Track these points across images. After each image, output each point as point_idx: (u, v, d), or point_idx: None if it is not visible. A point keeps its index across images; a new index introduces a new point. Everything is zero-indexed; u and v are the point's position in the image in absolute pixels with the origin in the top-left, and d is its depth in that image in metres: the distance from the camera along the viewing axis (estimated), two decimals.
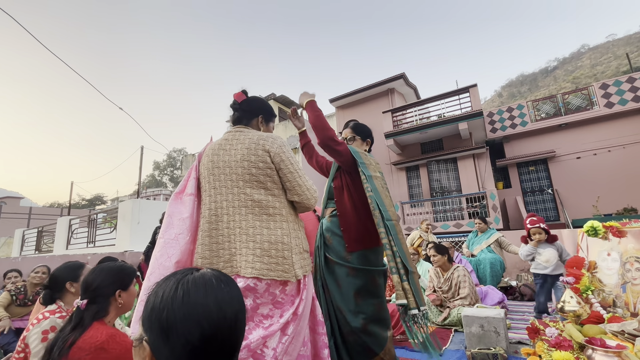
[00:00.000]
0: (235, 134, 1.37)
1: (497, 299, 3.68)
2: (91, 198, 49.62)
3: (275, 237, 1.22)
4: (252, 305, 1.17)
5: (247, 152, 1.28)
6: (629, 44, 63.59)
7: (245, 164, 1.27)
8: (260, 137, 1.32)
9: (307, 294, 1.24)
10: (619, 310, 1.75)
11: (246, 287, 1.15)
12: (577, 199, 9.57)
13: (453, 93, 10.02)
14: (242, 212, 1.24)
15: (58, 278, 1.76)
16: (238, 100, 1.47)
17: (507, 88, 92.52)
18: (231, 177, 1.28)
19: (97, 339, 1.16)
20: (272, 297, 1.19)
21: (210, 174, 1.33)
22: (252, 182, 1.26)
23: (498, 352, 2.21)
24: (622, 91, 9.31)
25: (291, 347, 1.15)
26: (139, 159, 10.96)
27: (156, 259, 1.26)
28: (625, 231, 1.87)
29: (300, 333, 1.19)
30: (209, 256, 1.24)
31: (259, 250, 1.18)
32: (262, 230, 1.21)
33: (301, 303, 1.21)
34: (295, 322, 1.18)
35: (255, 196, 1.25)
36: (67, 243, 8.50)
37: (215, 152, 1.35)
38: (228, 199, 1.27)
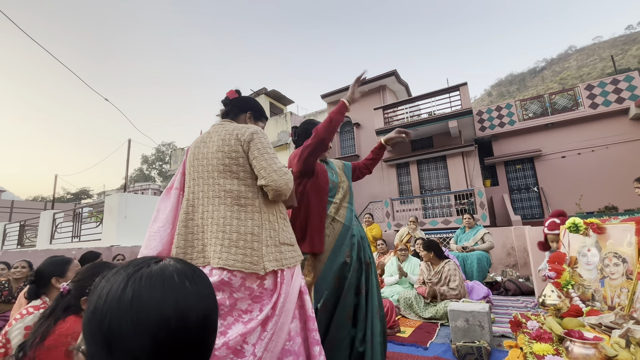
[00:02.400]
0: (217, 127, 1.39)
1: (483, 293, 3.77)
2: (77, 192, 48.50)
3: (245, 228, 1.19)
4: (230, 299, 1.14)
5: (221, 143, 1.29)
6: (614, 46, 65.19)
7: (220, 155, 1.28)
8: (235, 128, 1.32)
9: (286, 289, 1.20)
10: (597, 304, 1.81)
11: (221, 281, 1.13)
12: (561, 197, 9.83)
13: (444, 91, 10.11)
14: (214, 202, 1.24)
15: (44, 273, 1.72)
16: (230, 97, 1.50)
17: (496, 87, 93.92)
18: (207, 168, 1.29)
19: (78, 325, 1.16)
20: (250, 292, 1.17)
21: (191, 166, 1.37)
22: (225, 172, 1.27)
23: (482, 345, 2.27)
24: (606, 92, 9.56)
25: (272, 343, 1.13)
26: (126, 152, 10.74)
27: (141, 252, 1.29)
28: (604, 228, 1.93)
29: (282, 328, 1.16)
30: (183, 246, 1.25)
31: (227, 241, 1.17)
32: (232, 220, 1.20)
33: (280, 298, 1.17)
34: (274, 317, 1.15)
35: (228, 186, 1.25)
36: (51, 237, 8.31)
37: (197, 145, 1.38)
38: (204, 189, 1.28)
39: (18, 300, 2.36)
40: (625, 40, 65.80)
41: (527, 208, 10.51)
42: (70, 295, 1.31)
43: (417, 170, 10.69)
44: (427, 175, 10.60)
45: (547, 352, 1.33)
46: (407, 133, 2.07)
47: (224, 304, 1.14)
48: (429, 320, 3.30)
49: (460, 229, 5.56)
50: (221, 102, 1.53)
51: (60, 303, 1.29)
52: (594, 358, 1.19)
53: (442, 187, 10.29)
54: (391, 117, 10.92)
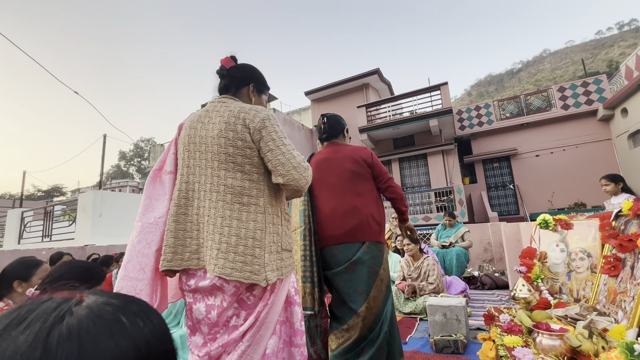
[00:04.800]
0: (217, 104, 1.18)
1: (460, 288, 3.89)
2: (48, 189, 46.26)
3: (246, 232, 1.03)
4: (219, 307, 1.02)
5: (225, 126, 1.09)
6: (584, 50, 68.36)
7: (222, 141, 1.08)
8: (241, 110, 1.12)
9: (274, 299, 1.06)
10: (564, 296, 1.90)
11: (213, 286, 1.02)
12: (535, 194, 10.25)
13: (425, 90, 10.30)
14: (212, 197, 1.07)
15: (7, 275, 1.63)
16: (226, 65, 1.27)
17: (476, 87, 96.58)
18: (206, 155, 1.10)
19: None
20: (240, 300, 1.06)
21: (185, 150, 1.16)
22: (227, 163, 1.08)
23: (458, 338, 2.34)
24: (577, 94, 10.02)
25: (246, 357, 1.01)
26: (102, 148, 10.32)
27: (133, 245, 1.11)
28: (572, 224, 2.03)
29: (259, 342, 1.03)
30: (173, 244, 1.08)
31: (224, 245, 1.01)
32: (231, 221, 1.03)
33: (265, 308, 1.04)
34: (254, 328, 1.03)
35: (229, 180, 1.07)
36: (19, 237, 7.90)
37: (193, 126, 1.17)
38: (201, 180, 1.10)
39: None
40: (595, 45, 69.17)
41: (504, 205, 10.91)
42: None
43: (399, 168, 10.86)
44: (409, 173, 10.80)
45: (517, 344, 1.39)
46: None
47: (212, 311, 1.03)
48: (409, 315, 3.37)
49: (441, 225, 5.70)
50: (217, 73, 1.29)
51: None
52: (559, 349, 1.24)
53: (422, 185, 10.50)
54: (374, 115, 11.03)
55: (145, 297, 1.06)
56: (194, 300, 1.08)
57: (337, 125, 1.97)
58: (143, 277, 1.08)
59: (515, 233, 3.66)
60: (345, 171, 1.77)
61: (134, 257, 1.10)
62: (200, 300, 1.07)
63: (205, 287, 1.04)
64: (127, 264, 1.09)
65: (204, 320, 1.05)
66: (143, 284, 1.08)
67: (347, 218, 1.69)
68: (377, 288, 1.64)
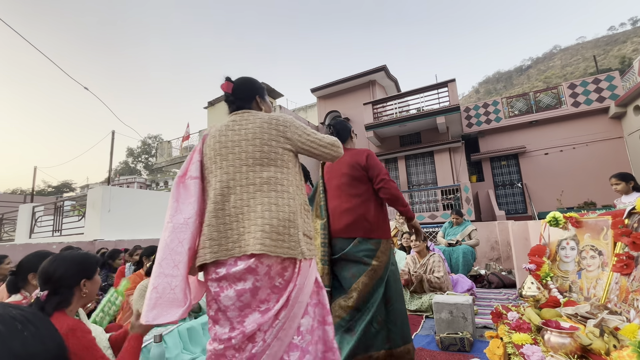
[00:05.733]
0: (244, 114, 1.36)
1: (467, 286, 3.86)
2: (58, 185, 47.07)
3: (283, 214, 1.20)
4: (252, 288, 1.14)
5: (259, 130, 1.28)
6: (596, 46, 66.96)
7: (257, 142, 1.27)
8: (272, 117, 1.33)
9: (301, 280, 1.20)
10: (574, 295, 1.88)
11: (247, 269, 1.14)
12: (544, 192, 10.11)
13: (432, 87, 10.19)
14: (249, 189, 1.23)
15: (23, 267, 1.68)
16: (228, 91, 1.42)
17: (484, 84, 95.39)
18: (240, 155, 1.26)
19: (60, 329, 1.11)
20: (271, 281, 1.17)
21: (217, 155, 1.30)
22: (262, 159, 1.26)
23: (465, 336, 2.33)
24: (588, 91, 9.83)
25: (282, 332, 1.13)
26: (110, 144, 10.45)
27: (166, 244, 1.21)
28: (582, 222, 2.00)
29: (293, 319, 1.16)
30: (217, 237, 1.20)
31: (267, 227, 1.16)
32: (270, 206, 1.20)
33: (294, 288, 1.17)
34: (287, 307, 1.15)
35: (265, 174, 1.25)
36: (30, 231, 8.05)
37: (223, 133, 1.33)
38: (235, 177, 1.25)
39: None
40: (608, 41, 67.70)
41: (511, 203, 10.78)
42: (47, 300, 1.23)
43: (405, 166, 10.79)
44: (415, 171, 10.73)
45: (526, 341, 1.37)
46: None
47: (244, 294, 1.14)
48: (414, 312, 3.36)
49: (448, 222, 5.66)
50: (225, 100, 1.46)
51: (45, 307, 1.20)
52: (569, 347, 1.23)
53: (429, 183, 10.43)
54: (380, 112, 10.96)
55: (179, 292, 1.16)
56: (220, 289, 1.17)
57: (344, 132, 2.22)
58: (177, 274, 1.18)
59: (524, 231, 3.62)
60: (343, 175, 2.02)
61: (167, 255, 1.19)
62: (227, 287, 1.17)
63: (236, 273, 1.15)
64: (161, 261, 1.18)
65: (233, 305, 1.15)
66: (177, 280, 1.17)
67: (343, 216, 1.97)
68: (368, 276, 1.86)
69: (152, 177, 52.46)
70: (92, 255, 1.40)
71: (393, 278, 1.95)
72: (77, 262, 1.32)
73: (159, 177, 50.29)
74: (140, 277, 3.07)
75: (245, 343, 1.12)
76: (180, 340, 2.21)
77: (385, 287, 1.90)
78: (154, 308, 1.13)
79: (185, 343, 2.25)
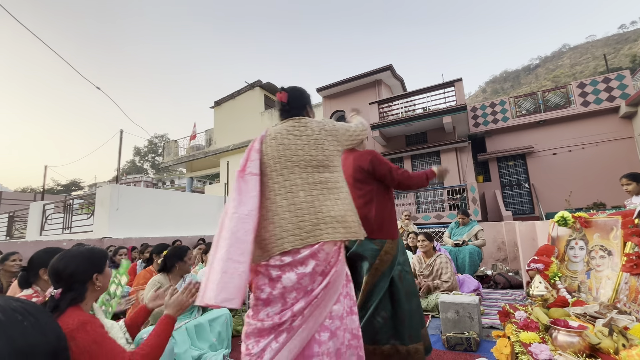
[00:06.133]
0: (301, 121, 1.55)
1: (473, 286, 3.84)
2: (67, 183, 47.79)
3: (346, 206, 1.45)
4: (311, 272, 1.31)
5: (319, 136, 1.50)
6: (607, 45, 65.86)
7: (319, 147, 1.49)
8: (325, 124, 1.55)
9: (340, 267, 1.40)
10: (583, 295, 1.86)
11: (311, 254, 1.32)
12: (551, 193, 9.99)
13: (439, 87, 10.13)
14: (317, 187, 1.43)
15: (34, 263, 1.71)
16: (284, 100, 1.61)
17: (491, 84, 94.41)
18: (304, 158, 1.46)
19: (67, 325, 1.12)
20: (324, 265, 1.35)
21: (281, 156, 1.47)
22: (324, 162, 1.48)
23: (471, 336, 2.32)
24: (597, 91, 9.68)
25: (318, 310, 1.30)
26: (118, 143, 10.57)
27: (233, 232, 1.31)
28: (592, 221, 1.98)
29: (328, 301, 1.33)
30: (291, 229, 1.36)
31: (340, 217, 1.40)
32: (336, 202, 1.43)
33: (335, 274, 1.36)
34: (326, 289, 1.33)
35: (327, 174, 1.48)
36: (41, 229, 8.20)
37: (285, 137, 1.50)
38: (302, 177, 1.44)
39: (11, 290, 2.34)
40: (618, 40, 66.53)
41: (518, 204, 10.67)
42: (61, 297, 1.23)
43: (411, 166, 10.74)
44: (421, 170, 10.67)
45: (534, 340, 1.37)
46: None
47: (305, 277, 1.31)
48: None
49: (454, 223, 5.62)
50: (280, 109, 1.64)
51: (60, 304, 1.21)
52: (578, 345, 1.22)
53: (435, 182, 10.37)
54: (386, 112, 10.93)
55: (244, 277, 1.28)
56: (282, 272, 1.32)
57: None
58: (243, 260, 1.29)
59: (531, 232, 3.59)
60: (348, 177, 2.11)
61: (234, 243, 1.30)
62: (289, 270, 1.32)
63: (301, 258, 1.32)
64: (229, 248, 1.29)
65: (292, 287, 1.31)
66: (243, 266, 1.28)
67: None
68: (371, 274, 1.95)
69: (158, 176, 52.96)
70: (100, 250, 1.43)
71: (400, 278, 1.97)
72: (87, 257, 1.33)
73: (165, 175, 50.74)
74: (150, 273, 3.12)
75: (289, 319, 1.28)
76: (188, 336, 2.24)
77: (391, 286, 1.94)
78: (223, 291, 1.21)
79: (193, 339, 2.28)
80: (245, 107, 13.26)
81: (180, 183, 45.57)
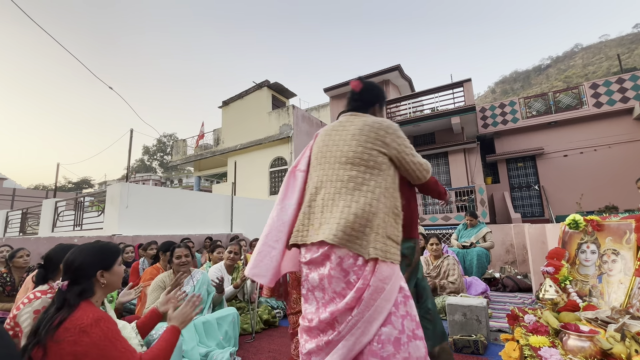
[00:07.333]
0: (350, 117, 1.47)
1: (481, 289, 3.80)
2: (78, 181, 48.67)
3: (362, 213, 1.24)
4: (328, 275, 1.23)
5: (359, 132, 1.37)
6: (620, 45, 64.44)
7: (353, 143, 1.36)
8: (375, 121, 1.40)
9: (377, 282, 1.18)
10: (594, 299, 1.83)
11: (323, 256, 1.25)
12: (562, 195, 9.82)
13: (447, 87, 10.05)
14: (337, 185, 1.33)
15: (53, 259, 1.75)
16: (356, 89, 1.53)
17: (500, 84, 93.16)
18: (335, 154, 1.39)
19: (82, 320, 1.14)
20: (345, 275, 1.21)
21: (319, 152, 1.46)
22: (354, 158, 1.34)
23: (479, 338, 2.30)
24: (611, 91, 9.49)
25: (357, 330, 1.15)
26: (129, 142, 10.74)
27: (273, 221, 1.44)
28: (604, 225, 1.95)
29: (369, 322, 1.15)
30: (306, 224, 1.35)
31: (343, 221, 1.23)
32: (350, 203, 1.27)
33: (367, 288, 1.17)
34: (360, 306, 1.16)
35: (353, 172, 1.33)
36: (53, 225, 8.36)
37: (328, 133, 1.48)
38: (328, 173, 1.38)
39: (25, 285, 2.40)
40: (633, 39, 65.01)
41: (528, 206, 10.52)
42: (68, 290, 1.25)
43: None
44: None
45: (543, 344, 1.35)
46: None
47: (323, 279, 1.24)
48: None
49: (462, 224, 5.57)
50: (349, 97, 1.55)
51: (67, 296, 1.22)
52: (589, 350, 1.21)
53: (443, 184, 10.27)
54: (394, 112, 10.88)
55: (275, 261, 1.39)
56: (310, 271, 1.31)
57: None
58: (277, 247, 1.41)
59: (541, 234, 3.54)
60: None
61: (273, 230, 1.43)
62: (313, 270, 1.30)
63: (316, 258, 1.27)
64: (267, 234, 1.43)
65: (317, 287, 1.28)
66: (276, 251, 1.40)
67: None
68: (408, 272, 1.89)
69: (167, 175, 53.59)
70: (112, 247, 1.41)
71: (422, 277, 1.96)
72: (94, 253, 1.33)
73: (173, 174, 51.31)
74: (157, 270, 3.16)
75: (326, 327, 1.22)
76: (196, 333, 2.26)
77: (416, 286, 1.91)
78: (255, 267, 1.39)
79: (201, 336, 2.31)
80: (253, 107, 13.34)
81: (188, 182, 46.05)
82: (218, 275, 3.09)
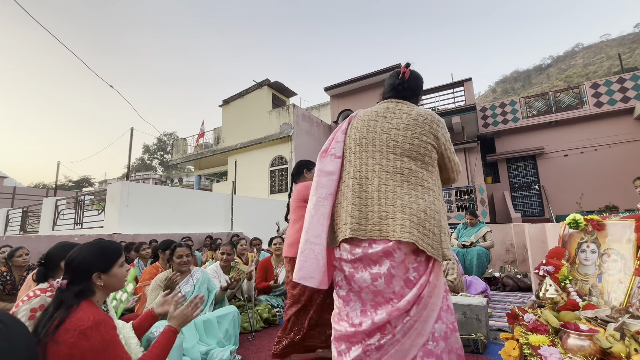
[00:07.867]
0: (397, 104, 1.38)
1: (481, 288, 3.81)
2: (78, 180, 48.70)
3: (431, 211, 1.20)
4: (386, 274, 1.15)
5: (413, 122, 1.28)
6: (621, 44, 64.32)
7: (409, 134, 1.27)
8: (428, 114, 1.33)
9: (434, 280, 1.16)
10: (594, 298, 1.84)
11: (384, 252, 1.16)
12: (562, 195, 9.83)
13: (448, 86, 10.06)
14: (396, 178, 1.24)
15: (53, 257, 1.74)
16: (406, 76, 1.44)
17: (501, 84, 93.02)
18: (388, 143, 1.28)
19: (82, 323, 1.12)
20: (405, 272, 1.16)
21: (363, 138, 1.34)
22: (410, 151, 1.26)
23: (479, 337, 2.31)
24: (611, 91, 9.49)
25: (414, 331, 1.11)
26: (129, 141, 10.74)
27: (312, 215, 1.32)
28: (604, 224, 1.95)
29: (426, 320, 1.12)
30: (358, 216, 1.23)
31: (415, 218, 1.16)
32: (417, 200, 1.20)
33: (427, 286, 1.14)
34: (419, 304, 1.13)
35: (413, 167, 1.25)
36: (53, 224, 8.37)
37: (373, 119, 1.36)
38: (381, 163, 1.27)
39: (26, 283, 2.40)
40: (634, 39, 64.90)
41: (528, 206, 10.53)
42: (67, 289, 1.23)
43: None
44: None
45: (543, 343, 1.36)
46: None
47: (378, 279, 1.16)
48: None
49: (462, 224, 5.58)
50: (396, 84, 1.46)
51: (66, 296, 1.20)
52: (588, 349, 1.21)
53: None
54: None
55: (321, 258, 1.27)
56: (355, 270, 1.21)
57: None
58: (320, 242, 1.29)
59: (541, 234, 3.54)
60: None
61: (313, 225, 1.31)
62: (362, 269, 1.20)
63: (372, 255, 1.17)
64: (307, 230, 1.31)
65: (367, 288, 1.18)
66: (320, 248, 1.28)
67: None
68: None
69: (167, 174, 53.62)
70: (113, 248, 1.37)
71: None
72: (92, 254, 1.29)
73: (173, 173, 51.33)
74: (156, 269, 3.16)
75: (375, 331, 1.14)
76: (196, 332, 2.27)
77: None
78: (301, 269, 1.27)
79: (202, 335, 2.31)
80: (253, 106, 13.34)
81: (188, 181, 46.08)
82: (215, 276, 3.10)
